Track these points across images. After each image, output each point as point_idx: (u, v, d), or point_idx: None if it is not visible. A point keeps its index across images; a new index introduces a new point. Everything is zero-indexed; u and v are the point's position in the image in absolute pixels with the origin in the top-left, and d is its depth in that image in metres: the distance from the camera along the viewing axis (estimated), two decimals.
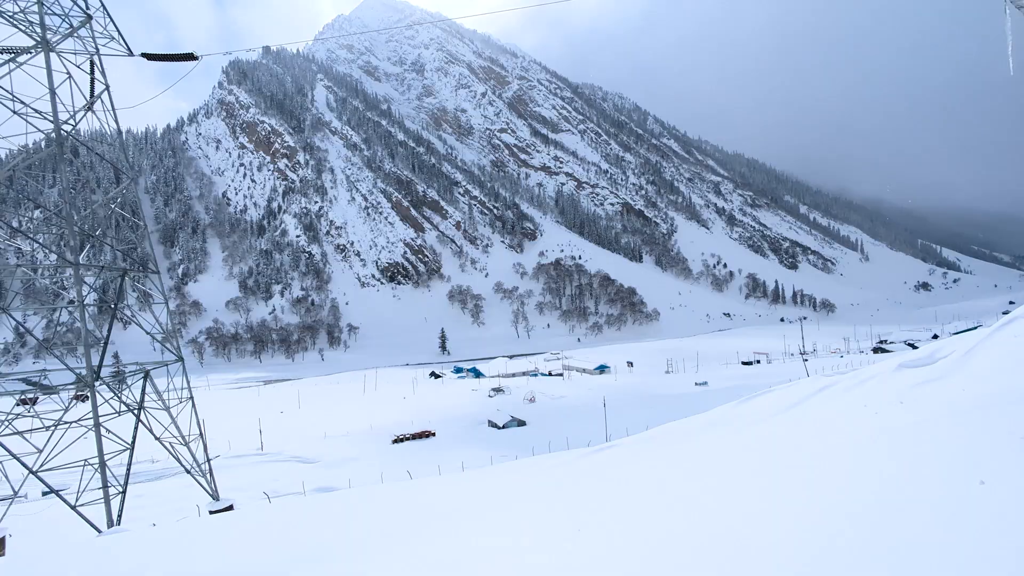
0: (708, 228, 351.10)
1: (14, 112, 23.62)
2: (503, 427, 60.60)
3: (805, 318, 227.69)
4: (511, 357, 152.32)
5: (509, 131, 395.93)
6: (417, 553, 10.88)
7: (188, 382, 28.04)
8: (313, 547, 12.26)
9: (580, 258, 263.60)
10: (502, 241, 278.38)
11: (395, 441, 55.63)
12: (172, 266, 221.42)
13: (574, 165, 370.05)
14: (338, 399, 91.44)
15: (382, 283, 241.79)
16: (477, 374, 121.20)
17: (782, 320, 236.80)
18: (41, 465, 21.76)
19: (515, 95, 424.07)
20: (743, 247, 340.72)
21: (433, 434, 58.10)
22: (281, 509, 18.79)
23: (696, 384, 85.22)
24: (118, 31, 27.84)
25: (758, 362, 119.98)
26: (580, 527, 7.47)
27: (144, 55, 29.87)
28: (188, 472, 26.59)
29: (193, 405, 27.91)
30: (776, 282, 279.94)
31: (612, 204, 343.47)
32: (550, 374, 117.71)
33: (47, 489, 36.36)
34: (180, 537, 15.02)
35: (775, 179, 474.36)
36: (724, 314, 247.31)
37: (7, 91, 24.55)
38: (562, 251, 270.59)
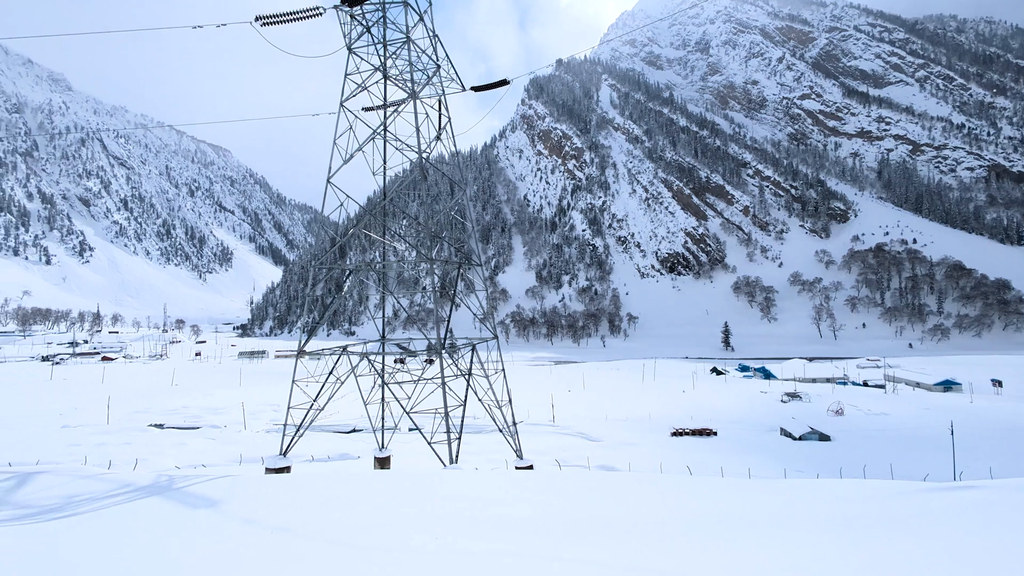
0: None
1: (397, 149, 32.46)
2: (799, 438, 53.19)
3: None
4: (810, 359, 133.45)
5: (813, 96, 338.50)
6: (697, 550, 10.90)
7: (501, 356, 33.85)
8: (598, 516, 13.51)
9: (914, 242, 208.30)
10: (801, 225, 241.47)
11: (674, 434, 55.03)
12: (487, 260, 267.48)
13: (907, 124, 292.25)
14: (618, 384, 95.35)
15: (661, 274, 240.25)
16: (767, 375, 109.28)
17: None
18: (411, 408, 29.62)
19: (822, 52, 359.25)
20: None
21: (714, 433, 55.21)
22: (570, 477, 21.11)
23: None
24: (456, 73, 35.14)
25: None
26: None
27: (472, 88, 36.95)
28: (500, 431, 32.16)
29: (504, 376, 33.56)
30: None
31: (970, 169, 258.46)
32: (865, 384, 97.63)
33: (412, 426, 49.36)
34: (494, 480, 18.54)
35: None
36: None
37: (392, 133, 33.94)
38: (886, 234, 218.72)
